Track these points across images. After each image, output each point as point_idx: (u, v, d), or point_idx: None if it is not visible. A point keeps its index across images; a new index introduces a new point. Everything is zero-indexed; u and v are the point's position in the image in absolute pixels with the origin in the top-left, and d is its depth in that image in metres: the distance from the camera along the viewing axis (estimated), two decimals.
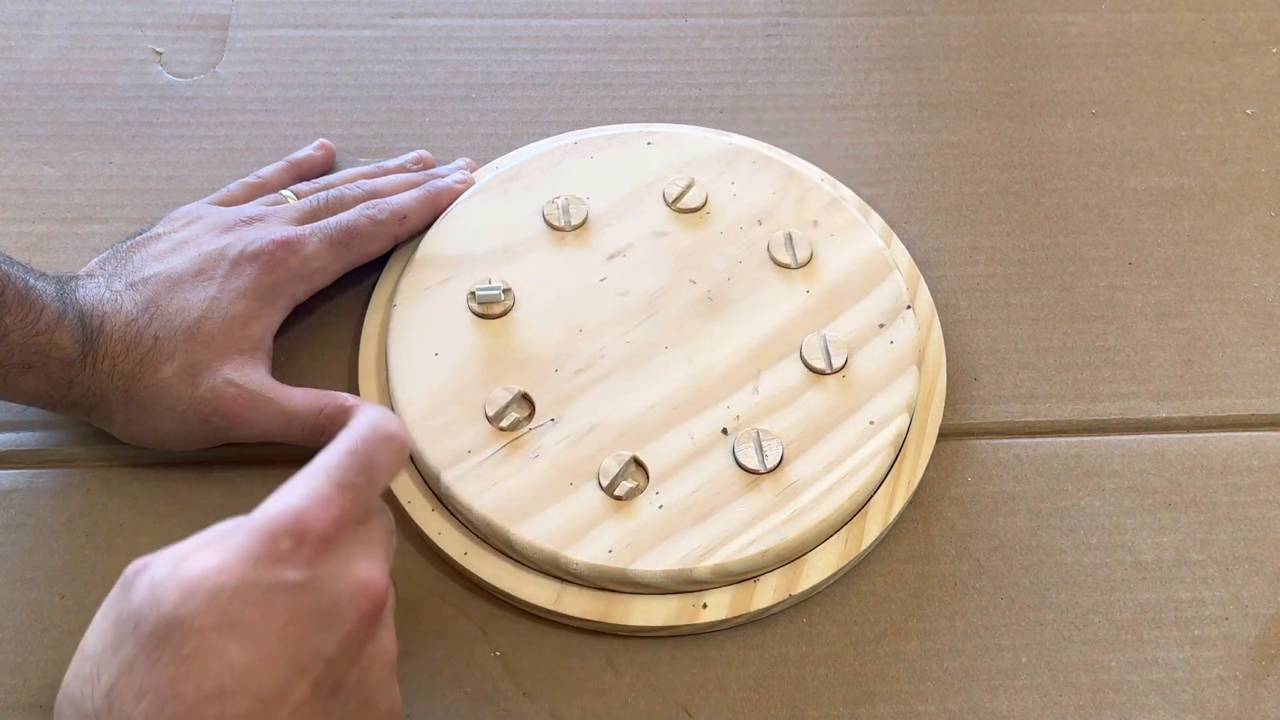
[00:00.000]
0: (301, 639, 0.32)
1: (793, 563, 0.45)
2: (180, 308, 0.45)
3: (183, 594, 0.31)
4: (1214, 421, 0.50)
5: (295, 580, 0.32)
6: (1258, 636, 0.45)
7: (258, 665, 0.31)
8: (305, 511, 0.33)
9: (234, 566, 0.32)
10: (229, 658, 0.31)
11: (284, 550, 0.32)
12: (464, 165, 0.55)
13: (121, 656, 0.31)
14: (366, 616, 0.34)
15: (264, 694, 0.31)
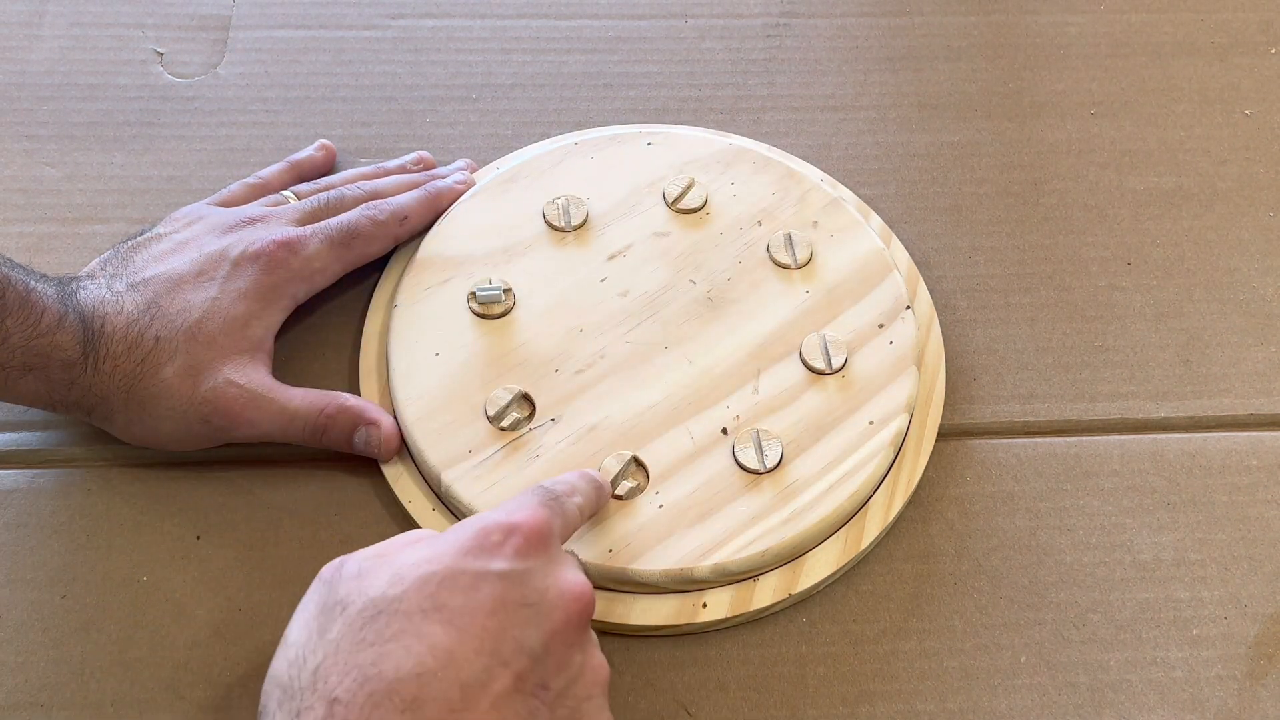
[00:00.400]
0: (505, 629, 0.32)
1: (792, 562, 0.45)
2: (181, 308, 0.45)
3: (392, 579, 0.32)
4: (1213, 421, 0.50)
5: (502, 570, 0.33)
6: (1256, 636, 0.45)
7: (460, 650, 0.32)
8: (514, 512, 0.35)
9: (444, 556, 0.33)
10: (432, 640, 0.31)
11: (493, 543, 0.34)
12: (464, 166, 0.55)
13: (328, 638, 0.32)
14: (575, 617, 0.34)
15: (464, 680, 0.31)
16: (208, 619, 0.44)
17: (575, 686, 0.34)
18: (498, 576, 0.33)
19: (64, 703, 0.42)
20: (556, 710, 0.33)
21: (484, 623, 0.32)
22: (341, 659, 0.31)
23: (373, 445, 0.46)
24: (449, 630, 0.32)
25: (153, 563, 0.45)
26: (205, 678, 0.43)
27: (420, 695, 0.31)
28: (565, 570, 0.35)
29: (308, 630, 0.33)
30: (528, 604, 0.33)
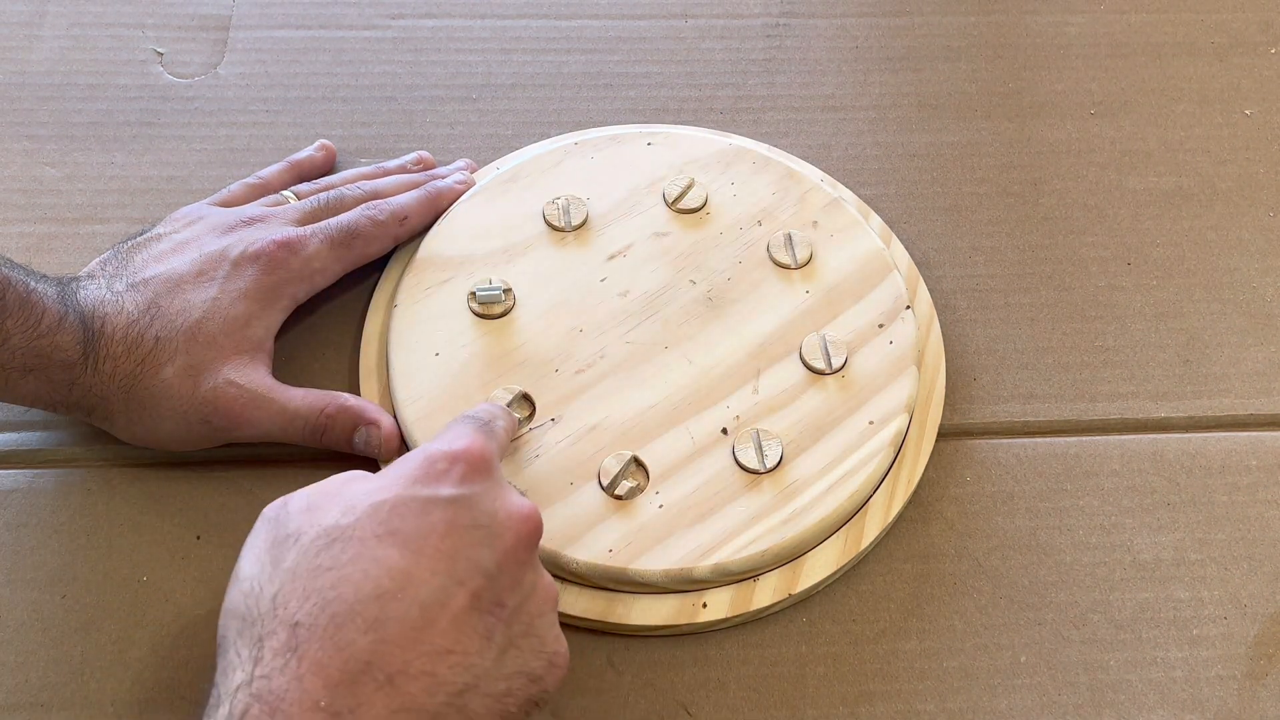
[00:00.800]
0: (459, 550, 0.34)
1: (792, 562, 0.45)
2: (181, 308, 0.45)
3: (344, 509, 0.34)
4: (1212, 421, 0.50)
5: (452, 495, 0.34)
6: (1256, 636, 0.45)
7: (416, 571, 0.33)
8: (455, 440, 0.36)
9: (393, 485, 0.35)
10: (389, 563, 0.32)
11: (439, 470, 0.35)
12: (464, 166, 0.55)
13: (283, 567, 0.33)
14: (524, 538, 0.36)
15: (422, 599, 0.32)
16: (208, 619, 0.44)
17: (529, 603, 0.35)
18: (447, 501, 0.34)
19: (64, 703, 0.42)
20: (512, 626, 0.35)
21: (438, 545, 0.33)
22: (300, 585, 0.32)
23: (373, 445, 0.46)
24: (404, 553, 0.33)
25: (153, 563, 0.45)
26: (205, 677, 0.43)
27: (381, 615, 0.32)
28: (510, 494, 0.37)
29: (260, 563, 0.34)
30: (478, 526, 0.35)
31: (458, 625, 0.33)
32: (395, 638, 0.32)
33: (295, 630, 0.31)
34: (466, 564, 0.34)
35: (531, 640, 0.35)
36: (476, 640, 0.33)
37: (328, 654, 0.31)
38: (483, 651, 0.33)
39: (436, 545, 0.33)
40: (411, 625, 0.32)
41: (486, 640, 0.34)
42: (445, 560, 0.33)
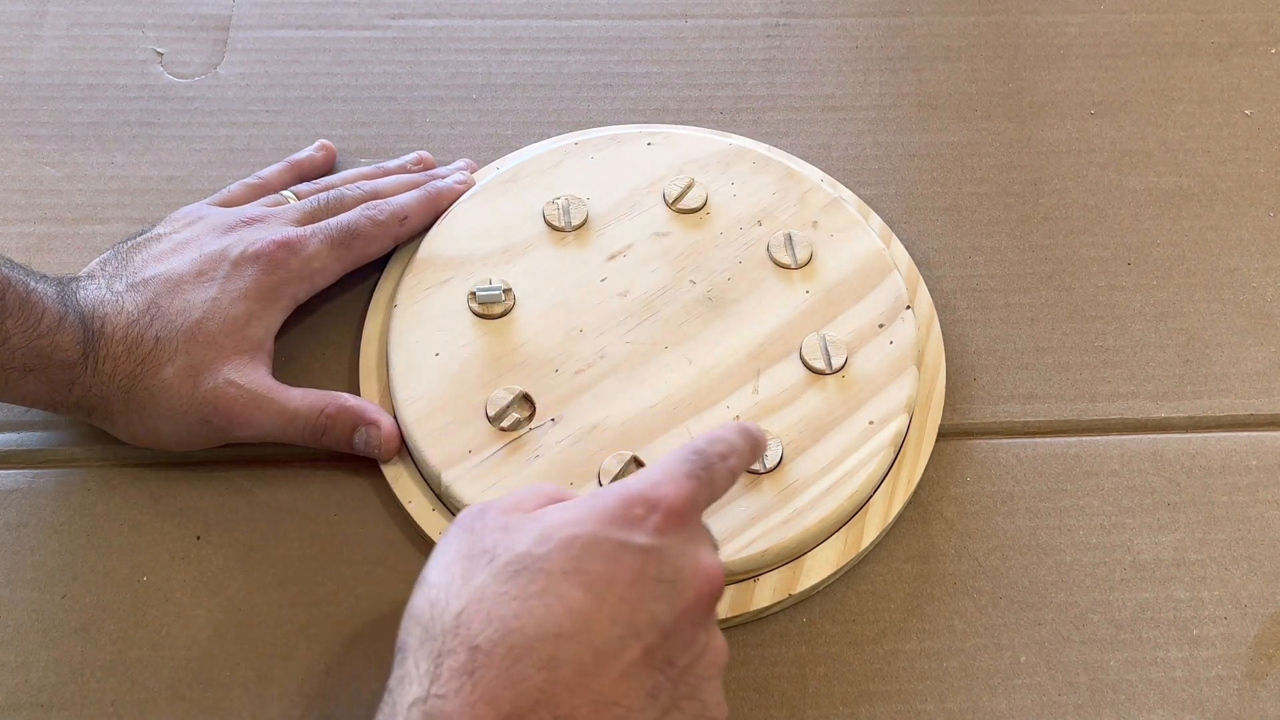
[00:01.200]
0: (641, 601, 0.33)
1: (792, 562, 0.45)
2: (181, 309, 0.45)
3: (539, 537, 0.34)
4: (1212, 421, 0.50)
5: (644, 544, 0.34)
6: (1256, 636, 0.45)
7: (597, 617, 0.33)
8: (660, 485, 0.35)
9: (588, 521, 0.34)
10: (572, 604, 0.32)
11: (636, 516, 0.34)
12: (464, 166, 0.55)
13: (473, 585, 0.33)
14: (705, 598, 0.35)
15: (597, 645, 0.32)
16: (208, 619, 0.44)
17: (698, 665, 0.35)
18: (639, 550, 0.34)
19: (64, 703, 0.42)
20: (679, 686, 0.34)
21: (622, 592, 0.33)
22: (485, 608, 0.32)
23: (373, 445, 0.46)
24: (589, 595, 0.33)
25: (153, 563, 0.45)
26: (205, 678, 0.43)
27: (556, 655, 0.32)
28: (701, 550, 0.36)
29: (449, 574, 0.34)
30: (664, 580, 0.34)
31: (627, 678, 0.33)
32: (566, 680, 0.32)
33: (474, 654, 0.32)
34: (646, 617, 0.33)
35: (695, 704, 0.35)
36: (642, 696, 0.33)
37: (502, 685, 0.31)
38: (646, 709, 0.33)
39: (621, 593, 0.33)
40: (583, 670, 0.32)
41: (652, 698, 0.33)
42: (626, 609, 0.33)
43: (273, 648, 0.43)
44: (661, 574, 0.34)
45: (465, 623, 0.32)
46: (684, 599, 0.34)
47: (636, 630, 0.33)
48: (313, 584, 0.45)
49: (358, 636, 0.44)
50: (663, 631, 0.34)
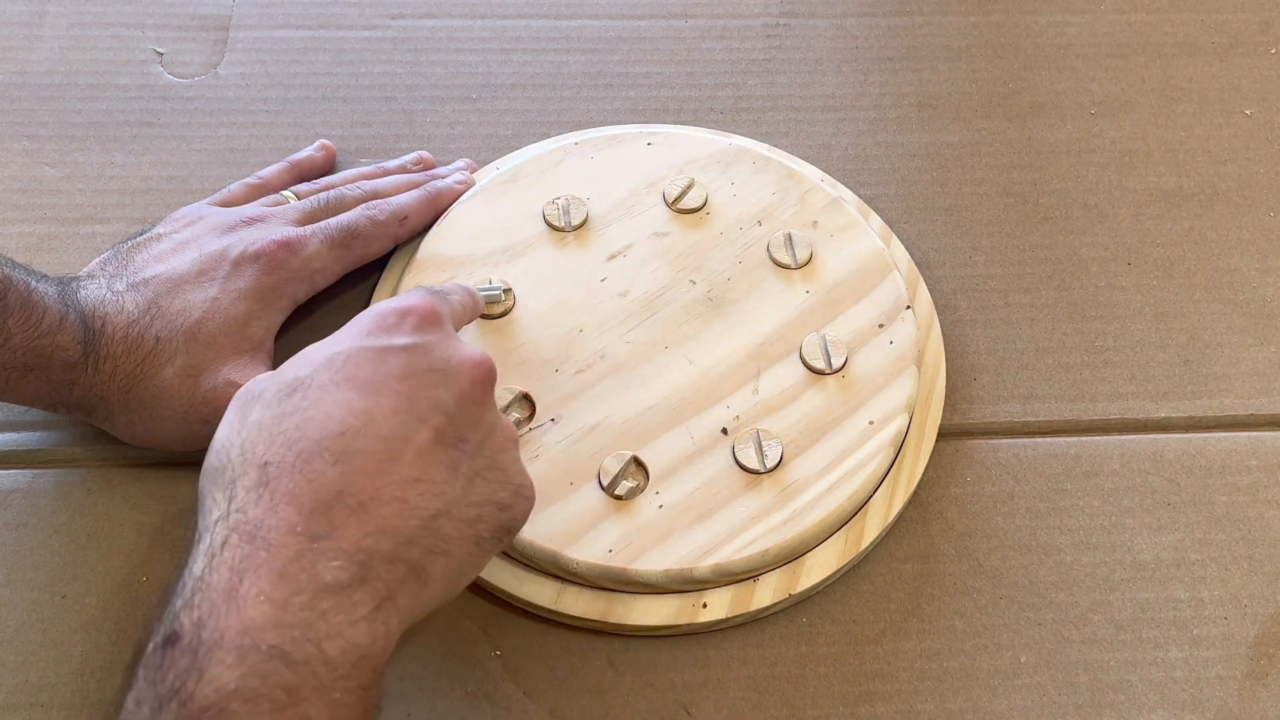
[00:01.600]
0: (417, 391, 0.35)
1: (792, 562, 0.45)
2: (181, 308, 0.45)
3: (300, 363, 0.36)
4: (1213, 421, 0.50)
5: (406, 344, 0.36)
6: (1256, 636, 0.45)
7: (377, 410, 0.34)
8: (405, 299, 0.37)
9: (346, 339, 0.36)
10: (351, 405, 0.34)
11: (390, 324, 0.36)
12: (464, 166, 0.55)
13: (249, 420, 0.34)
14: (480, 380, 0.37)
15: (385, 434, 0.34)
16: None
17: (490, 441, 0.37)
18: (401, 349, 0.36)
19: (64, 703, 0.42)
20: (476, 460, 0.36)
21: (396, 387, 0.35)
22: (265, 432, 0.34)
23: None
24: (364, 395, 0.34)
25: (153, 563, 0.45)
26: None
27: (346, 449, 0.33)
28: (462, 344, 0.38)
29: (229, 425, 0.35)
30: (434, 370, 0.36)
31: (423, 457, 0.34)
32: (362, 468, 0.33)
33: (265, 469, 0.33)
34: (426, 403, 0.35)
35: (496, 473, 0.37)
36: (443, 471, 0.35)
37: (299, 485, 0.32)
38: (450, 481, 0.35)
39: (395, 387, 0.35)
40: (377, 458, 0.33)
41: (453, 471, 0.35)
42: (405, 400, 0.35)
43: None
44: (431, 364, 0.36)
45: (249, 449, 0.33)
46: (459, 383, 0.36)
47: (420, 415, 0.35)
48: None
49: None
50: (446, 414, 0.35)
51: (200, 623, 0.30)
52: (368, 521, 0.33)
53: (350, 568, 0.32)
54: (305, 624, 0.31)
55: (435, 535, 0.34)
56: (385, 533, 0.33)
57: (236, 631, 0.30)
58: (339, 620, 0.31)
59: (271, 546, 0.31)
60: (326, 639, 0.31)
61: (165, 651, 0.30)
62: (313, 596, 0.31)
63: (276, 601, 0.31)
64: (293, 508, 0.32)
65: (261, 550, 0.31)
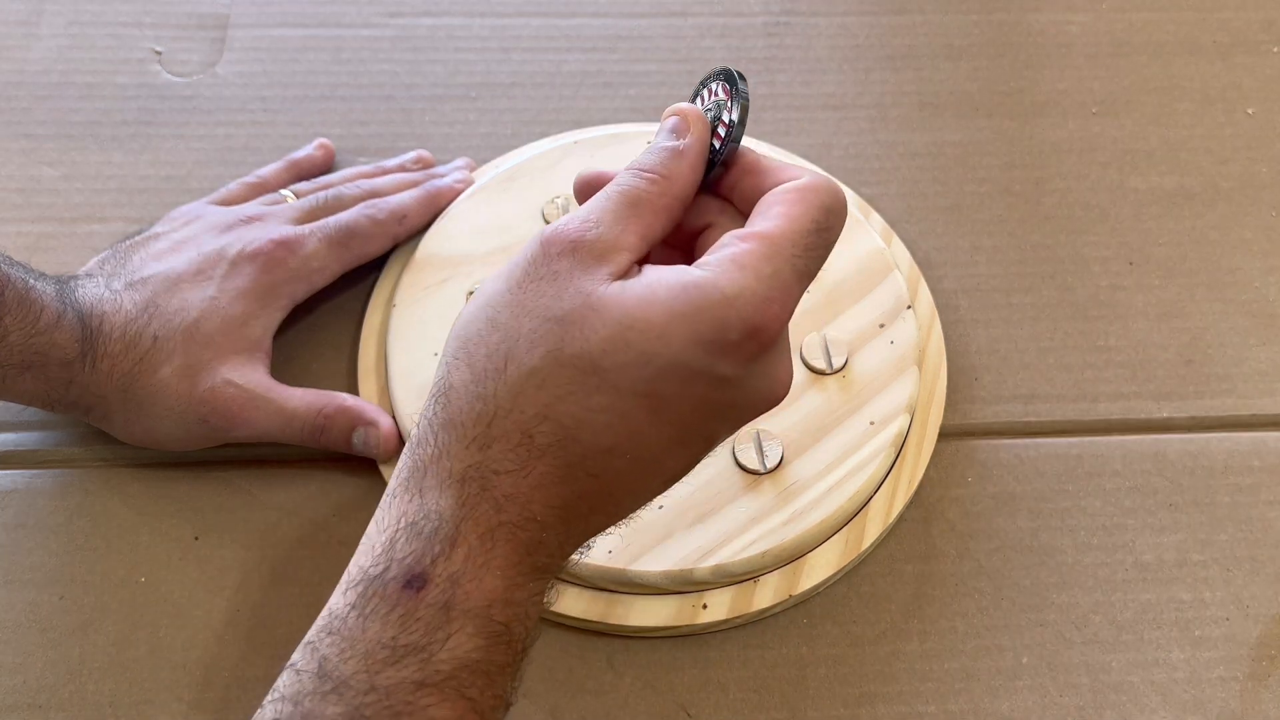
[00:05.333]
0: (702, 426, 0.33)
1: (793, 563, 0.44)
2: (179, 308, 0.45)
3: (614, 343, 0.31)
4: (1215, 422, 0.50)
5: (724, 374, 0.32)
6: (1259, 637, 0.45)
7: (652, 435, 0.32)
8: (769, 304, 0.31)
9: (674, 340, 0.31)
10: (633, 423, 0.31)
11: (730, 342, 0.31)
12: (463, 165, 0.55)
13: (534, 361, 0.31)
14: (764, 410, 0.34)
15: (644, 458, 0.32)
16: (206, 619, 0.44)
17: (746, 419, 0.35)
18: (716, 381, 0.32)
19: (62, 704, 0.42)
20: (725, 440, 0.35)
21: (685, 417, 0.32)
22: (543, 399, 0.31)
23: (371, 445, 0.46)
24: (652, 418, 0.31)
25: (151, 563, 0.45)
26: (203, 678, 0.42)
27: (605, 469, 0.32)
28: (779, 367, 0.34)
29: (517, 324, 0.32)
30: (733, 405, 0.33)
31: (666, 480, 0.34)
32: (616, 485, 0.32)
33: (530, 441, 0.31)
34: (702, 436, 0.33)
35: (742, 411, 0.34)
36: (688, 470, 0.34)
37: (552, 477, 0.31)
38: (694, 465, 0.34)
39: (688, 419, 0.32)
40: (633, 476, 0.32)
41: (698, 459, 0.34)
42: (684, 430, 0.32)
43: (271, 648, 0.43)
44: (733, 401, 0.33)
45: (521, 407, 0.31)
46: (745, 419, 0.34)
47: (687, 445, 0.33)
48: (311, 584, 0.44)
49: None
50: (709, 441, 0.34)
51: (455, 579, 0.30)
52: (600, 523, 0.33)
53: (558, 560, 0.32)
54: (522, 604, 0.31)
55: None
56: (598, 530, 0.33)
57: (482, 601, 0.30)
58: (537, 604, 0.32)
59: (515, 524, 0.31)
60: (529, 619, 0.31)
61: (410, 594, 0.30)
62: (530, 578, 0.31)
63: (511, 578, 0.31)
64: (541, 496, 0.31)
65: (508, 522, 0.31)
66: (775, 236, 0.32)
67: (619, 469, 0.32)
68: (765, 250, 0.32)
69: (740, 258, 0.32)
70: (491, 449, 0.31)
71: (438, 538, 0.30)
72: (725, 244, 0.32)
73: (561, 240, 0.32)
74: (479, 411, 0.31)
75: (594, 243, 0.32)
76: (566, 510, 0.32)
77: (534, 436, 0.31)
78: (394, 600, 0.30)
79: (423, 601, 0.29)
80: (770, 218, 0.33)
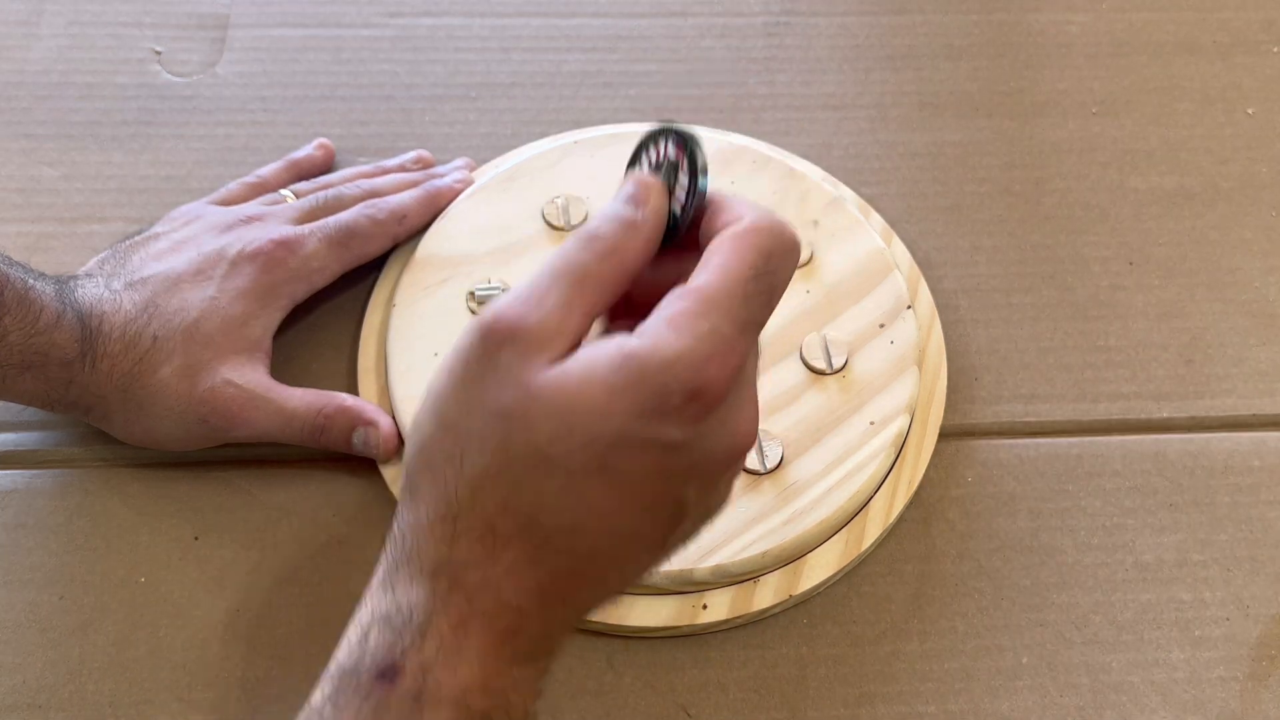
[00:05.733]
0: (666, 492, 0.32)
1: (793, 563, 0.44)
2: (179, 308, 0.45)
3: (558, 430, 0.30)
4: (1215, 422, 0.50)
5: (675, 439, 0.31)
6: (1259, 637, 0.45)
7: (617, 510, 0.31)
8: (708, 363, 0.30)
9: (616, 416, 0.30)
10: (591, 501, 0.31)
11: (673, 406, 0.30)
12: (463, 165, 0.55)
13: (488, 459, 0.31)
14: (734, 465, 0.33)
15: (616, 533, 0.32)
16: (206, 619, 0.44)
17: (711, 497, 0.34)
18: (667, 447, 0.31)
19: (61, 704, 0.42)
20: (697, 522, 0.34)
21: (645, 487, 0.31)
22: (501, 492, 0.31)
23: (371, 445, 0.46)
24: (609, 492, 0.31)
25: (151, 563, 0.45)
26: (203, 678, 0.42)
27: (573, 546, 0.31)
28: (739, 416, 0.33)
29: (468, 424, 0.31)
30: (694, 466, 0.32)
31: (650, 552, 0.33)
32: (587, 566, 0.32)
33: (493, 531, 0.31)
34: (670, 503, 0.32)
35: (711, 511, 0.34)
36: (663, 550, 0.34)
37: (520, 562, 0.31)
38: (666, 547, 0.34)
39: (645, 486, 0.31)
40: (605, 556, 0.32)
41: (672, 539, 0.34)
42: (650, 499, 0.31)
43: (271, 648, 0.43)
44: (692, 462, 0.32)
45: (481, 501, 0.31)
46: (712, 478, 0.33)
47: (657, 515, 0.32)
48: (311, 584, 0.44)
49: None
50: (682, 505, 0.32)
51: (425, 669, 0.30)
52: (585, 602, 0.33)
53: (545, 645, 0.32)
54: (503, 691, 0.31)
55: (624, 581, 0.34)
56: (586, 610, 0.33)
57: (456, 690, 0.30)
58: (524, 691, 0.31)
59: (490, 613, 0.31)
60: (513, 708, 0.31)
61: (383, 685, 0.29)
62: (511, 664, 0.31)
63: (489, 666, 0.30)
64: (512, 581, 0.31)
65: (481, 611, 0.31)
66: (709, 291, 0.31)
67: (590, 545, 0.31)
68: (699, 308, 0.31)
69: (675, 319, 0.31)
70: (458, 544, 0.31)
71: (409, 629, 0.30)
72: (664, 305, 0.31)
73: (500, 331, 0.31)
74: (442, 512, 0.31)
75: (532, 329, 0.31)
76: (543, 593, 0.31)
77: (497, 528, 0.31)
78: (367, 691, 0.30)
79: (395, 692, 0.29)
80: (708, 270, 0.32)
